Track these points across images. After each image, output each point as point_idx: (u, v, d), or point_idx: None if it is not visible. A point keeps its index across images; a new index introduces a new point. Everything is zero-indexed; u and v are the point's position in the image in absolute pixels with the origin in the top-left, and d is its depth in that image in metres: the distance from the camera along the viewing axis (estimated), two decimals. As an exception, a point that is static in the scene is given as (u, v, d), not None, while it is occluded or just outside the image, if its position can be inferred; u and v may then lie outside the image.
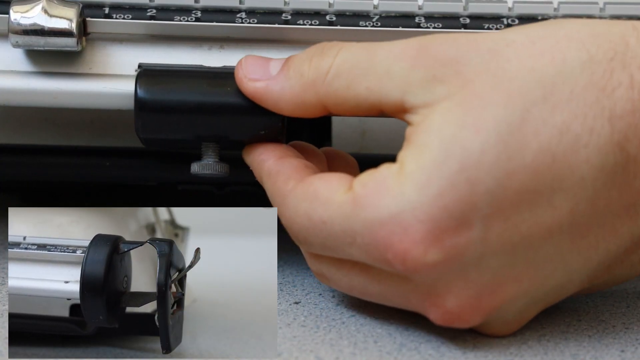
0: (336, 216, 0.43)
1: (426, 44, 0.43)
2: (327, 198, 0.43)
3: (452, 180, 0.41)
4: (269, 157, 0.47)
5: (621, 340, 0.46)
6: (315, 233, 0.44)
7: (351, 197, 0.43)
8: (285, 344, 0.45)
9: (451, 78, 0.42)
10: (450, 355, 0.44)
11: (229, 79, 0.47)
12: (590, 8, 0.50)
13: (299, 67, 0.45)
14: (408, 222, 0.41)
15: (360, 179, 0.43)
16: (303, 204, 0.44)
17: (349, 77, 0.44)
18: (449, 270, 0.42)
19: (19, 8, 0.47)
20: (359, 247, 0.43)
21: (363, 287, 0.45)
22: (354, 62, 0.44)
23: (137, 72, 0.47)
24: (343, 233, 0.43)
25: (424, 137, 0.42)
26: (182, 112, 0.46)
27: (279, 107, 0.46)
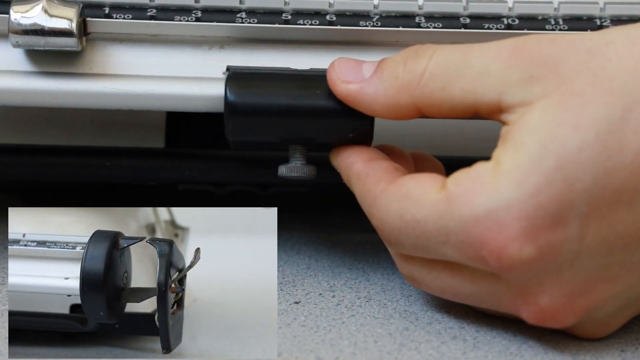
0: (430, 215, 0.43)
1: (522, 44, 0.43)
2: (420, 197, 0.43)
3: (549, 178, 0.41)
4: (357, 159, 0.47)
5: (621, 340, 0.46)
6: (408, 233, 0.43)
7: (444, 195, 0.43)
8: (285, 344, 0.45)
9: (549, 77, 0.42)
10: (450, 355, 0.44)
11: (318, 81, 0.47)
12: (590, 8, 0.50)
13: (394, 69, 0.45)
14: (503, 219, 0.41)
15: (454, 178, 0.43)
16: (395, 204, 0.44)
17: (444, 78, 0.44)
18: (544, 269, 0.42)
19: (19, 8, 0.47)
20: (453, 245, 0.42)
21: (454, 289, 0.45)
22: (448, 63, 0.44)
23: (227, 75, 0.47)
24: (436, 232, 0.43)
25: (521, 135, 0.42)
26: (272, 115, 0.46)
27: (372, 110, 0.46)
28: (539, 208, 0.41)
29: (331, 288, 0.51)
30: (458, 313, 0.48)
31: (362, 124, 0.47)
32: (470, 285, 0.44)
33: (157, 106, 0.48)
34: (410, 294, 0.51)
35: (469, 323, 0.47)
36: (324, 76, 0.47)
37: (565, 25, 0.49)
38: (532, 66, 0.42)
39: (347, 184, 0.47)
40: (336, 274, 0.53)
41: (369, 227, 0.46)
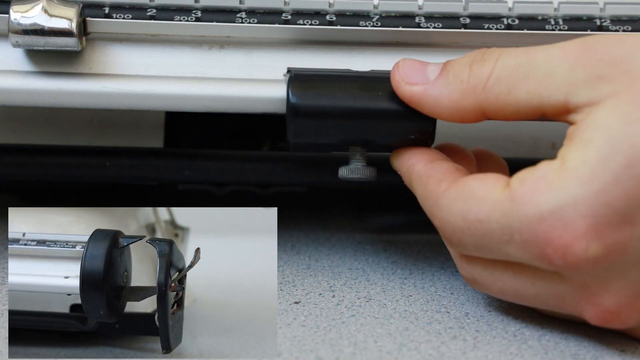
0: (493, 214, 0.43)
1: (589, 45, 0.43)
2: (483, 196, 0.43)
3: (617, 176, 0.40)
4: (418, 161, 0.47)
5: (621, 340, 0.46)
6: (471, 233, 0.43)
7: (509, 194, 0.42)
8: (285, 344, 0.45)
9: (617, 77, 0.42)
10: (450, 355, 0.44)
11: (380, 82, 0.47)
12: (590, 8, 0.50)
13: (459, 72, 0.45)
14: (569, 217, 0.41)
15: (519, 176, 0.43)
16: (457, 204, 0.44)
17: (510, 81, 0.44)
18: (609, 268, 0.41)
19: (19, 8, 0.47)
20: (517, 244, 0.42)
21: (516, 290, 0.45)
22: (514, 66, 0.44)
23: (288, 78, 0.47)
24: (500, 231, 0.42)
25: (588, 133, 0.42)
26: (334, 117, 0.46)
27: (436, 112, 0.46)
28: (607, 206, 0.40)
29: (331, 288, 0.51)
30: (458, 313, 0.48)
31: (424, 125, 0.47)
32: (532, 287, 0.44)
33: (157, 106, 0.48)
34: (410, 294, 0.51)
35: (469, 323, 0.47)
36: (385, 78, 0.47)
37: (565, 25, 0.49)
38: (600, 66, 0.42)
39: (409, 186, 0.47)
40: (336, 274, 0.53)
41: (369, 227, 0.46)
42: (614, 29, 0.49)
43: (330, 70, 0.48)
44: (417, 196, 0.47)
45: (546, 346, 0.45)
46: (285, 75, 0.48)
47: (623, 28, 0.49)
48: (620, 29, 0.49)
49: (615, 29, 0.49)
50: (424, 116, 0.46)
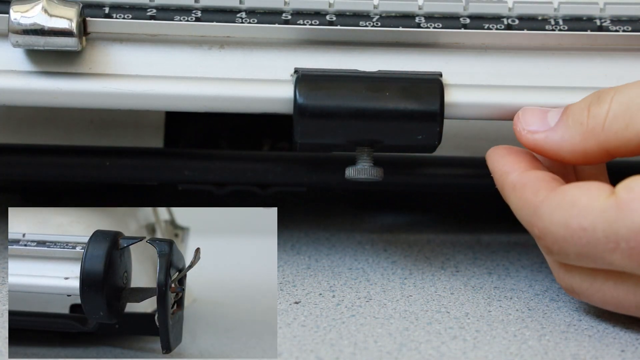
0: (598, 222, 0.42)
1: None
2: (587, 205, 0.43)
3: None
4: (513, 169, 0.47)
5: (621, 340, 0.46)
6: (574, 242, 0.43)
7: (614, 202, 0.42)
8: (285, 344, 0.45)
9: None
10: (450, 355, 0.44)
11: (387, 83, 0.47)
12: (590, 8, 0.50)
13: (578, 116, 0.45)
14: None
15: (625, 184, 0.43)
16: (559, 212, 0.44)
17: (626, 116, 0.44)
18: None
19: (19, 8, 0.47)
20: (623, 252, 0.42)
21: (618, 300, 0.45)
22: (628, 100, 0.44)
23: (296, 78, 0.47)
24: (605, 239, 0.42)
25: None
26: (341, 118, 0.46)
27: (560, 157, 0.46)
28: None
29: (331, 288, 0.51)
30: (458, 313, 0.48)
31: (431, 126, 0.47)
32: (634, 297, 0.44)
33: (157, 106, 0.48)
34: (410, 294, 0.51)
35: (469, 323, 0.47)
36: (392, 78, 0.47)
37: (565, 25, 0.49)
38: None
39: (500, 190, 0.47)
40: (336, 274, 0.53)
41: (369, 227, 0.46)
42: (614, 29, 0.49)
43: (337, 70, 0.48)
44: (510, 204, 0.47)
45: (546, 346, 0.45)
46: (292, 76, 0.48)
47: (623, 28, 0.49)
48: (620, 29, 0.49)
49: (615, 29, 0.49)
50: (431, 117, 0.46)
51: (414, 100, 0.47)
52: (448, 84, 0.48)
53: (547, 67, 0.49)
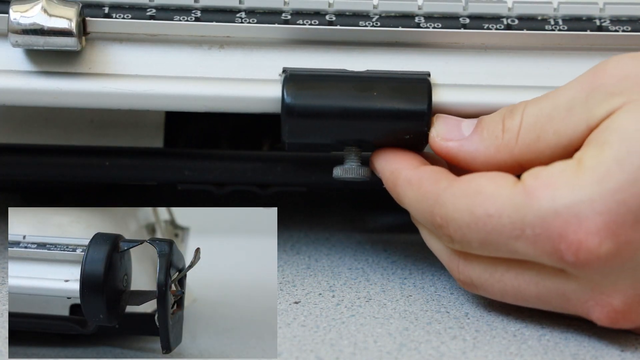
0: (505, 208, 0.43)
1: (601, 68, 0.44)
2: (494, 192, 0.43)
3: (633, 176, 0.41)
4: (404, 166, 0.47)
5: (621, 340, 0.46)
6: (478, 228, 0.43)
7: (522, 188, 0.43)
8: (285, 344, 0.45)
9: (631, 88, 0.42)
10: (450, 355, 0.44)
11: (375, 82, 0.47)
12: (590, 8, 0.50)
13: (493, 129, 0.46)
14: (584, 213, 0.41)
15: (532, 172, 0.43)
16: (463, 199, 0.44)
17: (537, 128, 0.44)
18: (620, 267, 0.42)
19: (18, 7, 0.47)
20: (527, 239, 0.42)
21: (518, 291, 0.45)
22: (538, 112, 0.44)
23: (284, 78, 0.47)
24: (511, 225, 0.43)
25: (604, 135, 0.42)
26: (329, 117, 0.46)
27: (472, 167, 0.46)
28: (622, 205, 0.41)
29: (331, 288, 0.51)
30: (458, 313, 0.48)
31: (419, 126, 0.47)
32: (535, 287, 0.44)
33: (157, 106, 0.48)
34: (410, 294, 0.51)
35: (469, 323, 0.47)
36: (380, 78, 0.47)
37: (565, 25, 0.49)
38: (612, 83, 0.43)
39: (392, 189, 0.47)
40: (336, 274, 0.53)
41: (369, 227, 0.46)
42: (613, 29, 0.49)
43: (325, 70, 0.48)
44: (404, 200, 0.47)
45: (546, 346, 0.45)
46: (280, 75, 0.48)
47: (623, 28, 0.49)
48: (620, 29, 0.49)
49: (615, 29, 0.49)
50: (420, 117, 0.46)
51: (401, 100, 0.47)
52: (436, 83, 0.48)
53: (547, 67, 0.49)
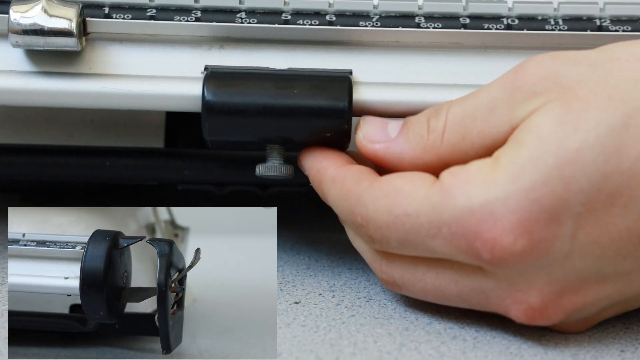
0: (422, 207, 0.43)
1: (523, 67, 0.44)
2: (411, 191, 0.44)
3: (546, 175, 0.41)
4: (329, 164, 0.47)
5: (621, 340, 0.46)
6: (397, 228, 0.44)
7: (439, 187, 0.43)
8: (285, 344, 0.45)
9: (551, 88, 0.43)
10: (450, 355, 0.44)
11: (296, 80, 0.47)
12: (590, 8, 0.50)
13: (419, 129, 0.46)
14: (499, 211, 0.42)
15: (449, 171, 0.44)
16: (383, 199, 0.44)
17: (461, 128, 0.44)
18: (535, 264, 0.42)
19: (18, 8, 0.47)
20: (444, 237, 0.43)
21: (439, 290, 0.45)
22: (462, 112, 0.45)
23: (204, 75, 0.47)
24: (428, 224, 0.43)
25: (521, 135, 0.42)
26: (249, 115, 0.46)
27: (400, 168, 0.46)
28: (535, 203, 0.41)
29: (331, 288, 0.51)
30: (458, 313, 0.48)
31: (340, 123, 0.47)
32: (455, 286, 0.45)
33: (157, 106, 0.48)
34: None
35: (469, 323, 0.47)
36: (301, 75, 0.47)
37: (565, 25, 0.49)
38: (533, 83, 0.43)
39: (317, 187, 0.48)
40: (336, 274, 0.53)
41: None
42: (613, 29, 0.49)
43: (247, 67, 0.48)
44: (329, 198, 0.47)
45: (546, 346, 0.45)
46: (202, 73, 0.48)
47: (623, 28, 0.49)
48: (620, 29, 0.49)
49: (615, 29, 0.49)
50: (340, 114, 0.46)
51: (322, 98, 0.47)
52: (357, 81, 0.48)
53: (547, 67, 0.49)
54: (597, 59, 0.43)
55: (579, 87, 0.42)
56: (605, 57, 0.43)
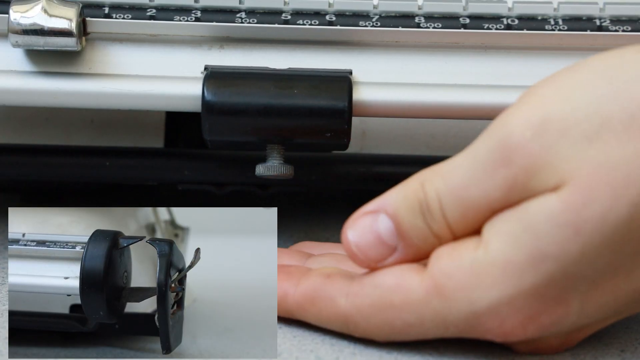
0: (425, 315, 0.42)
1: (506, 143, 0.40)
2: (405, 300, 0.42)
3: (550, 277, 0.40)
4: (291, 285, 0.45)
5: (621, 340, 0.46)
6: (402, 337, 0.43)
7: (434, 289, 0.41)
8: (285, 344, 0.45)
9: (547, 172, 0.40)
10: (450, 355, 0.44)
11: (296, 81, 0.47)
12: (590, 8, 0.50)
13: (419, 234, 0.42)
14: (506, 313, 0.41)
15: (441, 268, 0.41)
16: (377, 317, 0.43)
17: (458, 205, 0.41)
18: (547, 335, 0.43)
19: (18, 8, 0.47)
20: (453, 333, 0.43)
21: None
22: (452, 190, 0.41)
23: (204, 75, 0.47)
24: (435, 328, 0.42)
25: (517, 230, 0.40)
26: (249, 115, 0.46)
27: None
28: (540, 299, 0.41)
29: (331, 288, 0.51)
30: (458, 313, 0.48)
31: (339, 123, 0.47)
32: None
33: (157, 106, 0.48)
34: (410, 294, 0.50)
35: (469, 323, 0.47)
36: (302, 76, 0.47)
37: (565, 25, 0.49)
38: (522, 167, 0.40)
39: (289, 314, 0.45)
40: (336, 274, 0.53)
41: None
42: (613, 29, 0.49)
43: (247, 67, 0.48)
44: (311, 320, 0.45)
45: (546, 346, 0.45)
46: (202, 73, 0.48)
47: (623, 28, 0.49)
48: (620, 29, 0.49)
49: (615, 29, 0.49)
50: (340, 114, 0.46)
51: (322, 98, 0.47)
52: (357, 81, 0.48)
53: (547, 67, 0.49)
54: (590, 126, 0.39)
55: (578, 171, 0.39)
56: (596, 125, 0.39)
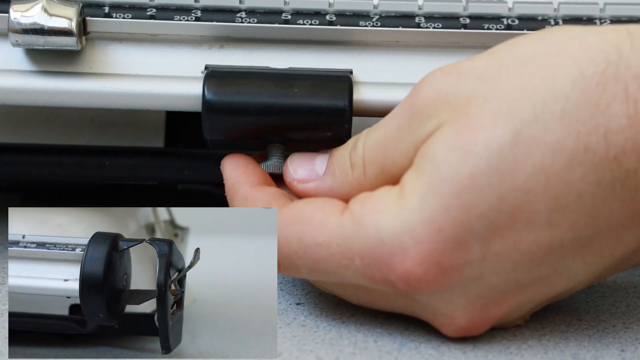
0: (334, 236, 0.43)
1: (417, 88, 0.43)
2: (322, 220, 0.43)
3: (446, 204, 0.41)
4: (245, 181, 0.47)
5: (621, 340, 0.46)
6: (307, 257, 0.44)
7: (350, 216, 0.43)
8: (285, 344, 0.45)
9: (442, 108, 0.42)
10: (450, 354, 0.44)
11: (296, 80, 0.47)
12: (590, 8, 0.50)
13: (342, 165, 0.45)
14: (407, 243, 0.41)
15: (359, 198, 0.43)
16: (292, 227, 0.44)
17: (377, 160, 0.44)
18: (451, 289, 0.42)
19: (18, 7, 0.47)
20: (357, 269, 0.43)
21: (373, 304, 0.46)
22: (375, 143, 0.44)
23: (205, 74, 0.47)
24: (340, 254, 0.43)
25: (419, 161, 0.42)
26: (250, 114, 0.46)
27: None
28: (439, 233, 0.41)
29: (331, 288, 0.51)
30: (458, 313, 0.48)
31: (340, 123, 0.47)
32: (387, 304, 0.45)
33: (157, 106, 0.48)
34: (410, 294, 0.50)
35: (469, 323, 0.47)
36: (302, 75, 0.47)
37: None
38: (426, 106, 0.43)
39: (229, 200, 0.47)
40: (336, 274, 0.53)
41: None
42: (614, 29, 0.49)
43: (247, 67, 0.48)
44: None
45: (546, 346, 0.45)
46: (202, 72, 0.48)
47: (623, 28, 0.49)
48: (620, 29, 0.49)
49: (615, 29, 0.49)
50: (340, 114, 0.46)
51: (322, 97, 0.47)
52: (358, 81, 0.48)
53: (547, 67, 0.49)
54: (486, 70, 0.43)
55: (468, 105, 0.42)
56: (493, 65, 0.43)
